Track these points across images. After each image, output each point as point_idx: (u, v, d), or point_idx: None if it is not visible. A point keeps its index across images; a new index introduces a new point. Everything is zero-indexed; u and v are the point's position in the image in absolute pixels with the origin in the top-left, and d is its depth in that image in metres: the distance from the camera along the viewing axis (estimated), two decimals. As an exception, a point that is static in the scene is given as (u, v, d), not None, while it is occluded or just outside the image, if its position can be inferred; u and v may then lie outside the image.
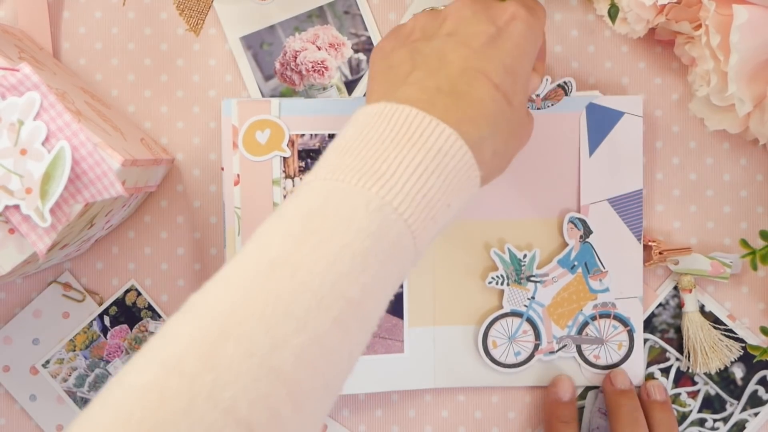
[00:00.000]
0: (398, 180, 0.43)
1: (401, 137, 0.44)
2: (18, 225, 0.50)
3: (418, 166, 0.43)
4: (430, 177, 0.44)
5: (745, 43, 0.54)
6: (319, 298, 0.39)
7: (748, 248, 0.62)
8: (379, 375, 0.63)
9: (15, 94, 0.50)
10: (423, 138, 0.44)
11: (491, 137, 0.47)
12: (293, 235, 0.41)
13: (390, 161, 0.43)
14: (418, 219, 0.43)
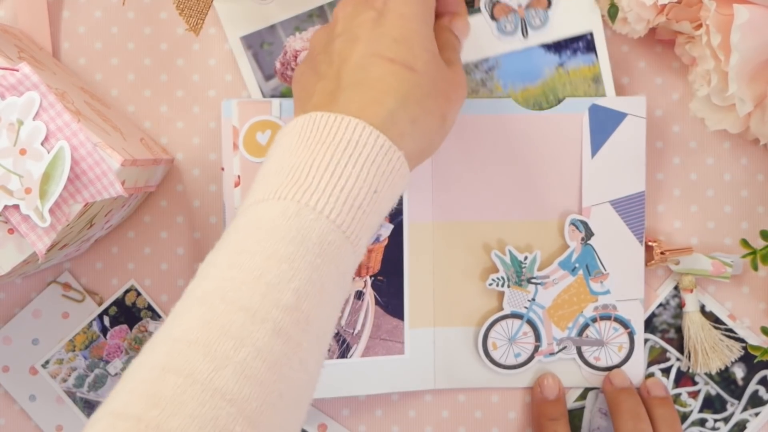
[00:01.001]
0: (312, 181, 0.43)
1: (311, 142, 0.45)
2: (17, 225, 0.50)
3: (330, 163, 0.44)
4: (345, 169, 0.44)
5: (746, 42, 0.54)
6: (252, 312, 0.39)
7: (748, 248, 0.62)
8: (380, 376, 0.63)
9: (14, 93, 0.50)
10: (330, 136, 0.45)
11: (402, 108, 0.47)
12: (220, 264, 0.42)
13: (303, 166, 0.44)
14: (341, 213, 0.43)
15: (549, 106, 0.58)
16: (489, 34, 0.54)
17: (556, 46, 0.57)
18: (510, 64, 0.56)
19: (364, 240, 0.45)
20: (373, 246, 0.63)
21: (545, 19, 0.57)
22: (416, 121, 0.47)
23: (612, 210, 0.63)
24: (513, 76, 0.58)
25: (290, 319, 0.40)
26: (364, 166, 0.44)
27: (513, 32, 0.55)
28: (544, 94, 0.56)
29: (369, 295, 0.63)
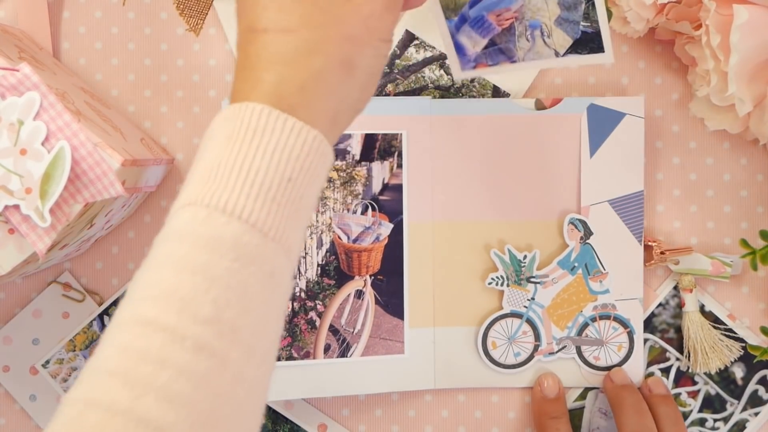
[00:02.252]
0: (221, 180, 0.40)
1: (218, 137, 0.41)
2: (18, 225, 0.50)
3: (237, 158, 0.40)
4: (252, 162, 0.40)
5: (746, 43, 0.54)
6: (170, 331, 0.37)
7: (748, 248, 0.62)
8: (380, 376, 0.63)
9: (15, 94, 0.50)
10: (233, 128, 0.41)
11: (285, 78, 0.41)
12: (137, 283, 0.39)
13: (212, 166, 0.40)
14: (254, 210, 0.39)
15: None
16: None
17: None
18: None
19: (290, 232, 0.41)
20: (372, 245, 0.63)
21: None
22: (305, 86, 0.41)
23: (611, 209, 0.64)
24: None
25: (212, 332, 0.38)
26: (273, 155, 0.40)
27: None
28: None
29: (369, 294, 0.63)
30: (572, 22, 0.48)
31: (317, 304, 0.63)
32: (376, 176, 0.64)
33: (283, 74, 0.41)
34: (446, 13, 0.48)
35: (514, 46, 0.49)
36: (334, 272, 0.63)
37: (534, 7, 0.48)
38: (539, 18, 0.48)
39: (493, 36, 0.49)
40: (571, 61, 0.49)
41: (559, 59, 0.49)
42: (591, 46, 0.48)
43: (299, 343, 0.63)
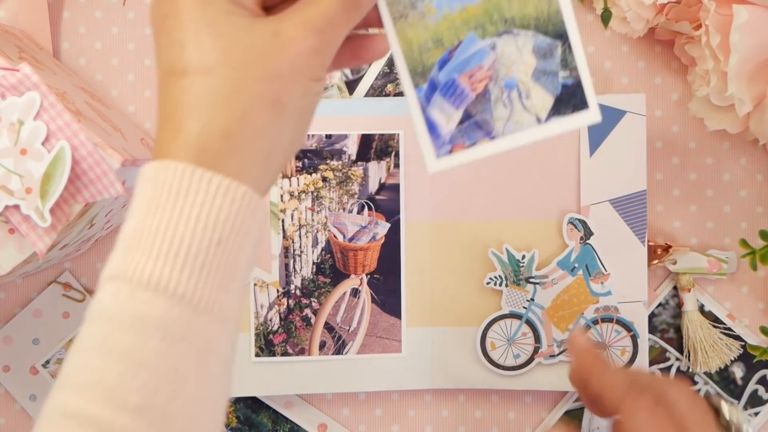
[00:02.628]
0: (144, 250, 0.36)
1: (142, 198, 0.38)
2: (18, 225, 0.51)
3: (152, 222, 0.37)
4: (177, 228, 0.36)
5: (745, 43, 0.54)
6: (95, 424, 0.35)
7: (747, 248, 0.62)
8: (376, 374, 0.63)
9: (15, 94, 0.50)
10: (148, 190, 0.37)
11: (206, 125, 0.37)
12: (64, 369, 0.37)
13: (135, 233, 0.37)
14: (180, 282, 0.36)
15: (494, 29, 0.45)
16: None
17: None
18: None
19: (224, 298, 0.38)
20: (368, 244, 0.63)
21: None
22: (230, 131, 0.37)
23: (612, 209, 0.63)
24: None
25: (143, 422, 0.35)
26: (199, 219, 0.37)
27: None
28: (486, 14, 0.45)
29: (365, 292, 0.63)
30: (550, 73, 0.44)
31: (312, 302, 0.63)
32: (373, 176, 0.64)
33: (205, 120, 0.37)
34: (414, 80, 0.44)
35: (491, 116, 0.44)
36: (330, 270, 0.64)
37: (507, 60, 0.44)
38: (514, 74, 0.44)
39: (467, 105, 0.44)
40: (555, 129, 0.44)
41: (542, 127, 0.44)
42: (574, 102, 0.44)
43: (294, 339, 0.63)
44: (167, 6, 0.38)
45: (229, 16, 0.38)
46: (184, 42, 0.38)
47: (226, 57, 0.38)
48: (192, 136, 0.37)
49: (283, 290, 0.63)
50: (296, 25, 0.38)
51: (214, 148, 0.37)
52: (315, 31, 0.38)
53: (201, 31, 0.38)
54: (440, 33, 0.44)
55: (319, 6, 0.39)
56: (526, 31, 0.44)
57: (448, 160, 0.44)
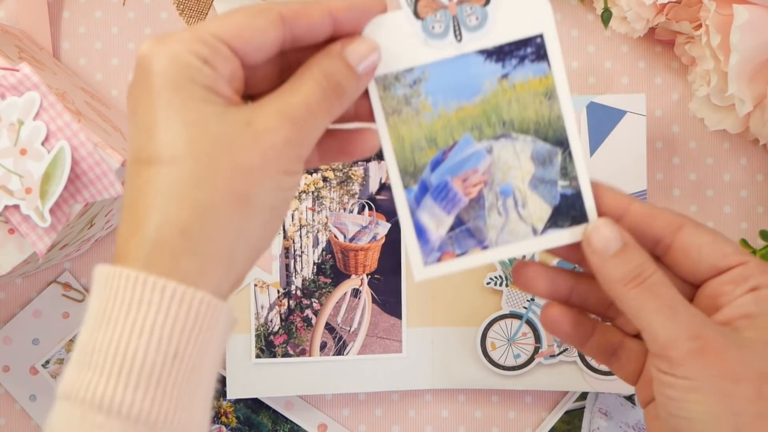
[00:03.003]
0: (96, 368, 0.34)
1: (96, 309, 0.36)
2: (18, 225, 0.50)
3: (105, 336, 0.34)
4: (129, 342, 0.34)
5: (746, 43, 0.54)
6: None
7: (748, 248, 0.62)
8: (377, 375, 0.63)
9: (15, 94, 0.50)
10: (101, 299, 0.35)
11: (164, 222, 0.35)
12: None
13: (87, 347, 0.35)
14: (134, 402, 0.34)
15: (492, 132, 0.43)
16: (413, 36, 0.41)
17: (498, 53, 0.43)
18: (441, 75, 0.42)
19: (184, 411, 0.35)
20: (369, 244, 0.63)
21: (483, 18, 0.43)
22: (189, 228, 0.35)
23: (612, 210, 0.63)
24: (445, 92, 0.43)
25: None
26: (153, 332, 0.34)
27: (443, 35, 0.42)
28: (484, 115, 0.42)
29: (365, 293, 0.63)
30: (549, 182, 0.42)
31: (313, 302, 0.63)
32: (373, 176, 0.64)
33: (165, 214, 0.35)
34: (405, 180, 0.41)
35: (484, 224, 0.42)
36: (331, 271, 0.64)
37: (504, 165, 0.42)
38: (511, 180, 0.42)
39: (459, 211, 0.42)
40: (552, 242, 0.42)
41: (538, 239, 0.42)
42: (573, 214, 0.41)
43: (295, 340, 0.63)
44: (140, 88, 0.36)
45: (201, 104, 0.36)
46: (152, 128, 0.35)
47: (193, 147, 0.35)
48: (150, 232, 0.35)
49: (283, 291, 0.63)
50: (270, 115, 0.36)
51: (172, 246, 0.35)
52: (290, 120, 0.36)
53: (170, 118, 0.35)
54: (435, 132, 0.42)
55: (297, 94, 0.37)
56: (525, 135, 0.42)
57: (436, 269, 0.42)
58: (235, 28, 0.37)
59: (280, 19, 0.37)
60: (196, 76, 0.36)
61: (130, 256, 0.35)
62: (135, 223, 0.35)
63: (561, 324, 0.43)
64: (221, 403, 0.65)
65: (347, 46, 0.38)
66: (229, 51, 0.37)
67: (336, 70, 0.38)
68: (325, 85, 0.37)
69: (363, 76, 0.39)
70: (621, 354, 0.44)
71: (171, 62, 0.36)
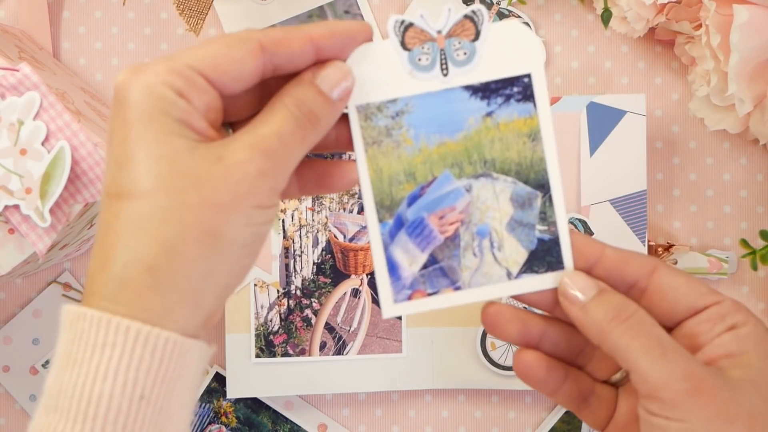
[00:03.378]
0: (62, 413, 0.34)
1: (56, 353, 0.36)
2: (18, 225, 0.50)
3: (70, 380, 0.34)
4: (94, 385, 0.34)
5: (746, 43, 0.54)
6: None
7: (748, 248, 0.62)
8: (377, 374, 0.63)
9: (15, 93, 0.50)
10: (66, 340, 0.36)
11: (132, 259, 0.34)
12: None
13: (51, 393, 0.35)
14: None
15: (473, 170, 0.41)
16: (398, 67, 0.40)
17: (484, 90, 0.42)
18: (424, 109, 0.41)
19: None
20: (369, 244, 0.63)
21: (472, 53, 0.41)
22: (155, 266, 0.34)
23: (612, 209, 0.63)
24: (427, 126, 0.42)
25: None
26: (117, 374, 0.34)
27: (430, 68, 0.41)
28: (466, 153, 0.42)
29: (365, 293, 0.63)
30: (526, 225, 0.41)
31: (313, 302, 0.63)
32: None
33: (132, 251, 0.34)
34: (380, 213, 0.41)
35: (458, 264, 0.41)
36: (330, 271, 0.63)
37: (483, 205, 0.41)
38: (488, 221, 0.41)
39: (434, 249, 0.41)
40: (525, 287, 0.41)
41: (512, 284, 0.41)
42: (549, 260, 0.41)
43: (295, 340, 0.63)
44: (115, 120, 0.36)
45: (173, 137, 0.35)
46: (123, 162, 0.35)
47: (162, 182, 0.34)
48: (116, 269, 0.34)
49: (283, 291, 0.63)
50: (242, 148, 0.35)
51: (138, 283, 0.34)
52: (262, 152, 0.35)
53: (141, 152, 0.35)
54: (414, 166, 0.41)
55: (268, 125, 0.36)
56: (506, 176, 0.41)
57: (405, 307, 0.41)
58: (212, 59, 0.36)
59: (259, 48, 0.37)
60: (170, 109, 0.35)
61: (95, 294, 0.34)
62: (102, 260, 0.35)
63: (536, 370, 0.41)
64: (221, 403, 0.65)
65: (318, 73, 0.38)
66: (206, 82, 0.36)
67: (307, 98, 0.37)
68: (297, 114, 0.37)
69: (337, 102, 0.38)
70: (591, 401, 0.43)
71: (145, 94, 0.35)
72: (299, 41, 0.37)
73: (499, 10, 0.65)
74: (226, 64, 0.36)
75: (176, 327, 0.35)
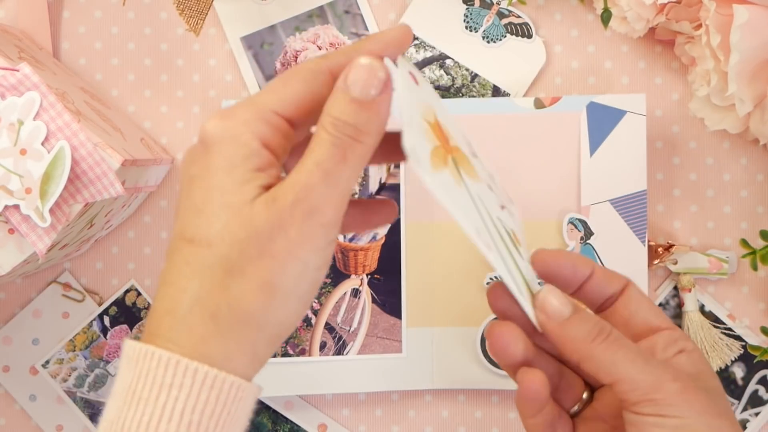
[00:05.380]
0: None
1: (116, 385, 0.37)
2: (18, 225, 0.50)
3: (134, 416, 0.35)
4: (150, 424, 0.35)
5: (746, 42, 0.54)
6: None
7: (748, 248, 0.62)
8: (376, 374, 0.63)
9: (15, 93, 0.50)
10: (129, 376, 0.36)
11: (197, 304, 0.35)
12: None
13: (112, 427, 0.36)
14: None
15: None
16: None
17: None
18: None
19: None
20: (369, 244, 0.63)
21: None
22: (218, 314, 0.35)
23: (612, 209, 0.63)
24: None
25: None
26: (183, 415, 0.35)
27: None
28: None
29: (365, 293, 0.63)
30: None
31: (313, 302, 0.63)
32: (373, 176, 0.64)
33: (198, 297, 0.35)
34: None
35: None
36: (330, 270, 0.63)
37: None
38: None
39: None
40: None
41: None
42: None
43: (294, 340, 0.63)
44: (199, 165, 0.37)
45: (245, 186, 0.36)
46: (201, 208, 0.36)
47: (227, 232, 0.35)
48: (183, 313, 0.35)
49: (283, 290, 0.63)
50: (290, 187, 0.35)
51: (202, 329, 0.35)
52: (305, 188, 0.35)
53: (215, 200, 0.36)
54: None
55: (310, 154, 0.36)
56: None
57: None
58: (294, 100, 0.37)
59: (331, 78, 0.37)
60: (253, 159, 0.36)
61: (161, 335, 0.35)
62: (169, 302, 0.36)
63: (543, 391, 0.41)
64: (221, 403, 0.65)
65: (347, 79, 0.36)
66: (289, 127, 0.37)
67: (341, 112, 0.36)
68: (334, 133, 0.36)
69: (375, 101, 0.36)
70: (558, 427, 0.44)
71: (231, 144, 0.36)
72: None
73: (499, 10, 0.65)
74: (307, 103, 0.37)
75: (236, 373, 0.36)
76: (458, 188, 0.39)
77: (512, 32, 0.65)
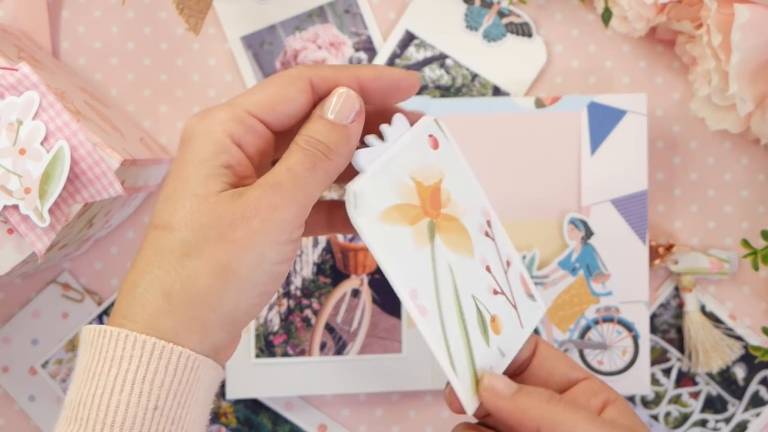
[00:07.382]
0: (81, 423, 0.36)
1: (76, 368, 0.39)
2: (17, 225, 0.50)
3: (89, 392, 0.37)
4: (111, 397, 0.36)
5: (747, 42, 0.54)
6: None
7: (749, 248, 0.62)
8: (376, 375, 0.63)
9: (14, 93, 0.50)
10: (86, 356, 0.38)
11: (153, 283, 0.38)
12: None
13: (72, 404, 0.37)
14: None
15: None
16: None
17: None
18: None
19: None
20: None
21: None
22: (171, 292, 0.37)
23: (613, 209, 0.63)
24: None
25: None
26: (134, 386, 0.36)
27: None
28: None
29: (365, 293, 0.63)
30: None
31: (313, 302, 0.63)
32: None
33: (156, 277, 0.38)
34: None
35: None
36: (330, 271, 0.63)
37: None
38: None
39: None
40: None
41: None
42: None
43: (294, 340, 0.63)
44: (177, 160, 0.40)
45: (212, 179, 0.39)
46: (169, 197, 0.39)
47: (190, 218, 0.38)
48: (139, 290, 0.38)
49: (283, 291, 0.63)
50: (257, 185, 0.38)
51: (155, 306, 0.38)
52: (272, 186, 0.38)
53: (184, 190, 0.39)
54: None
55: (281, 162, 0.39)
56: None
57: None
58: (268, 101, 0.40)
59: (310, 86, 0.40)
60: (222, 154, 0.39)
61: (119, 314, 0.38)
62: (131, 283, 0.38)
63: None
64: (221, 404, 0.65)
65: (323, 104, 0.40)
66: (263, 126, 0.40)
67: (314, 131, 0.40)
68: (306, 147, 0.39)
69: (347, 126, 0.40)
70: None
71: (204, 140, 0.39)
72: (347, 80, 0.41)
73: (499, 9, 0.65)
74: (282, 105, 0.40)
75: (188, 348, 0.38)
76: (407, 246, 0.41)
77: (513, 32, 0.65)
